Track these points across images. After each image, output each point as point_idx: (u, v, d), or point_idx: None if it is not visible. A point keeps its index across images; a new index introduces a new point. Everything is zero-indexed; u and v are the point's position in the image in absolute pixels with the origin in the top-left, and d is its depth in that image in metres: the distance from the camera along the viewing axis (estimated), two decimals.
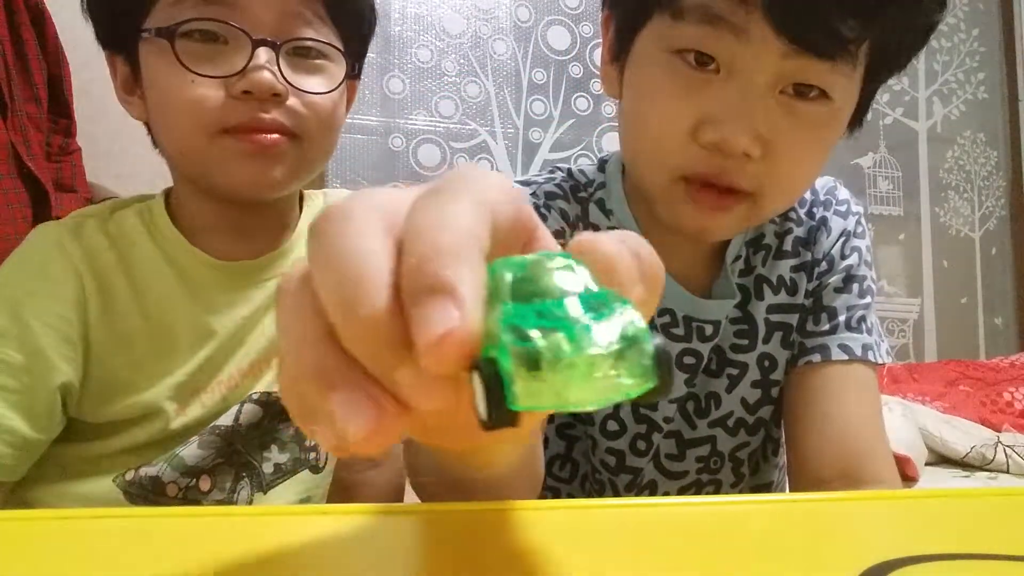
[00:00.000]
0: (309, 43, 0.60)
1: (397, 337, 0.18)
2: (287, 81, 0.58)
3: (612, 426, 0.64)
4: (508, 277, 0.19)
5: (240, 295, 0.63)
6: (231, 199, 0.62)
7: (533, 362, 0.17)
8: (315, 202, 0.72)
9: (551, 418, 0.66)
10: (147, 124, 0.64)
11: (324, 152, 0.63)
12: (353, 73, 0.65)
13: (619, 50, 0.57)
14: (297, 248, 0.68)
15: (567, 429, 0.66)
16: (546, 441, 0.68)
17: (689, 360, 0.63)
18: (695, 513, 0.37)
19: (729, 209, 0.53)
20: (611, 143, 2.22)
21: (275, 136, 0.58)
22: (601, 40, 0.61)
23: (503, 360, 0.17)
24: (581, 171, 0.67)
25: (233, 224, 0.64)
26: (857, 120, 0.57)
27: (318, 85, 0.60)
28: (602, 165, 0.67)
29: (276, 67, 0.57)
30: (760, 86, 0.49)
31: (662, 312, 0.62)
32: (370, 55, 0.70)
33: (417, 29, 2.09)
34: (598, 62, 0.63)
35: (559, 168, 0.68)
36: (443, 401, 0.18)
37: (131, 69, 0.61)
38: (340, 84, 0.62)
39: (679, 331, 0.62)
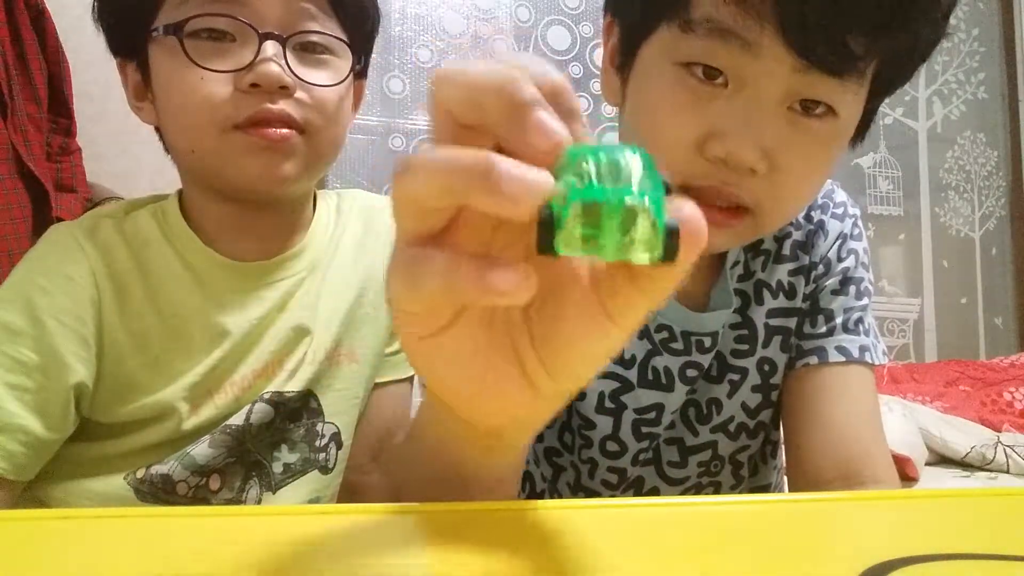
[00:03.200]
0: (315, 37, 0.60)
1: None
2: (294, 74, 0.58)
3: (612, 447, 0.63)
4: (583, 158, 0.23)
5: (253, 295, 0.64)
6: (242, 198, 0.62)
7: (574, 217, 0.22)
8: (329, 202, 0.73)
9: (540, 437, 0.66)
10: (158, 129, 0.65)
11: (332, 147, 0.64)
12: (359, 68, 0.66)
13: (623, 59, 0.56)
14: (311, 248, 0.68)
15: (555, 457, 0.66)
16: (529, 477, 0.68)
17: (691, 372, 0.63)
18: (695, 513, 0.37)
19: (728, 226, 0.53)
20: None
21: (284, 131, 0.58)
22: (602, 41, 0.60)
23: (560, 210, 0.22)
24: None
25: (245, 225, 0.64)
26: (859, 134, 0.57)
27: (325, 79, 0.61)
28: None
29: (283, 60, 0.58)
30: (768, 101, 0.49)
31: (660, 328, 0.62)
32: None
33: (417, 29, 2.09)
34: (598, 62, 0.63)
35: None
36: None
37: (142, 76, 0.62)
38: (346, 78, 0.62)
39: (678, 345, 0.62)
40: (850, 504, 0.39)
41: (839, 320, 0.63)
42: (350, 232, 0.72)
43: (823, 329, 0.63)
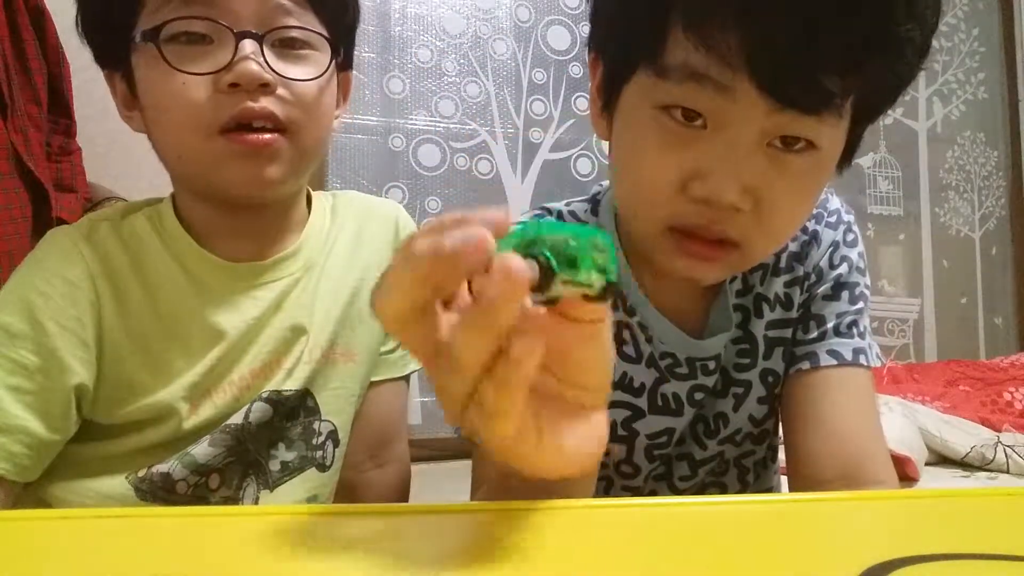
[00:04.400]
0: (293, 32, 0.60)
1: None
2: (273, 70, 0.58)
3: (627, 469, 0.64)
4: (541, 224, 0.30)
5: (248, 296, 0.64)
6: (230, 202, 0.62)
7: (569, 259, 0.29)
8: (325, 202, 0.73)
9: None
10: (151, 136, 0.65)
11: (316, 145, 0.63)
12: (340, 61, 0.65)
13: (607, 100, 0.57)
14: (306, 248, 0.68)
15: None
16: None
17: (699, 395, 0.64)
18: (695, 513, 0.37)
19: (717, 260, 0.54)
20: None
21: (267, 136, 0.58)
22: (589, 71, 0.60)
23: (546, 255, 0.29)
24: (572, 213, 0.67)
25: (237, 227, 0.64)
26: (846, 158, 0.57)
27: (305, 74, 0.60)
28: (595, 207, 0.67)
29: (262, 58, 0.57)
30: (747, 141, 0.49)
31: (664, 355, 0.63)
32: (370, 55, 0.71)
33: (417, 29, 2.09)
34: None
35: (549, 210, 0.67)
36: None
37: (128, 85, 0.62)
38: (327, 71, 0.62)
39: (683, 371, 0.63)
40: (850, 504, 0.39)
41: (831, 325, 0.63)
42: (345, 232, 0.72)
43: (815, 334, 0.63)
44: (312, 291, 0.67)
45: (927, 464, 1.63)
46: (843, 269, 0.65)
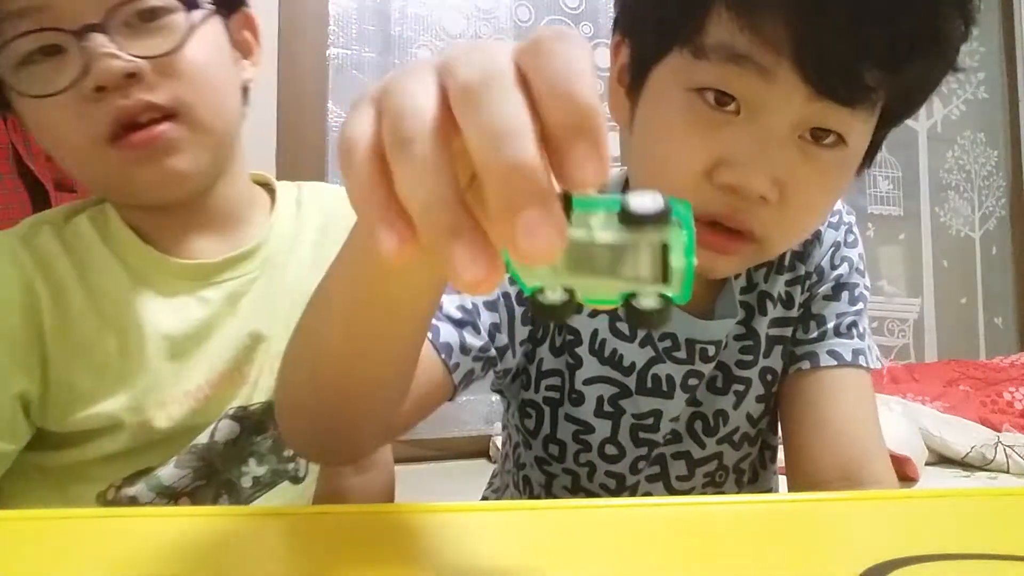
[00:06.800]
0: (138, 5, 0.53)
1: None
2: (132, 56, 0.52)
3: (611, 450, 0.63)
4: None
5: (195, 296, 0.60)
6: (156, 207, 0.59)
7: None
8: (288, 195, 0.68)
9: (528, 444, 0.66)
10: None
11: (217, 115, 0.57)
12: (215, 8, 0.58)
13: (632, 81, 0.56)
14: (267, 246, 0.63)
15: (545, 465, 0.65)
16: (525, 466, 0.67)
17: (693, 381, 0.63)
18: (695, 513, 0.37)
19: (734, 253, 0.53)
20: (610, 143, 2.22)
21: (154, 131, 0.53)
22: (610, 55, 0.59)
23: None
24: None
25: (176, 226, 0.60)
26: (866, 162, 0.57)
27: (168, 45, 0.54)
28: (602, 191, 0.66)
29: (112, 47, 0.51)
30: (780, 129, 0.49)
31: (663, 336, 0.62)
32: (370, 55, 0.69)
33: (417, 29, 2.09)
34: (599, 62, 0.61)
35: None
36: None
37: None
38: (191, 32, 0.55)
39: (681, 354, 0.62)
40: (850, 504, 0.39)
41: (831, 325, 0.63)
42: (309, 228, 0.67)
43: (814, 334, 0.63)
44: (272, 293, 0.63)
45: (927, 464, 1.63)
46: (843, 269, 0.65)
